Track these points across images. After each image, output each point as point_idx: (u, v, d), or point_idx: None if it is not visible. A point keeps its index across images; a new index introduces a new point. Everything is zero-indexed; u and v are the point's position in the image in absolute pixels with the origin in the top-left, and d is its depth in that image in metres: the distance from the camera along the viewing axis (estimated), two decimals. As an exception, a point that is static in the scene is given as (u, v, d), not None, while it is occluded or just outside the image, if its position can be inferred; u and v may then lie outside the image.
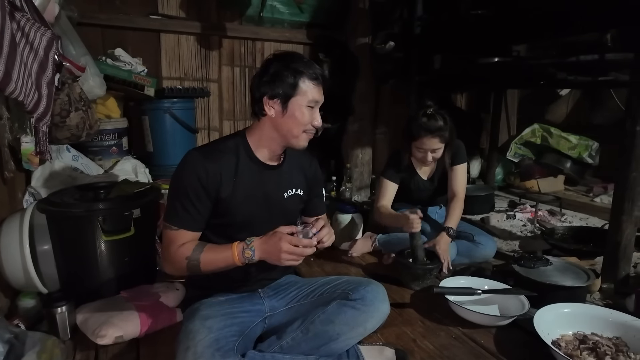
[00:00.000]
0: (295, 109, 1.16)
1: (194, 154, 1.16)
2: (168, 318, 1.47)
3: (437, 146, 1.87)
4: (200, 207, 1.15)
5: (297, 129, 1.18)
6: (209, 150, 1.20)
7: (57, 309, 1.35)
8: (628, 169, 1.57)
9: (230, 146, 1.21)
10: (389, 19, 2.84)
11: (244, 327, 1.17)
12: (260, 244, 1.09)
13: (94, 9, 2.58)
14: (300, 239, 1.08)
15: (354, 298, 1.20)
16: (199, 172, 1.13)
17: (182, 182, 1.15)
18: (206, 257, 1.11)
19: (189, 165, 1.15)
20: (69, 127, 1.54)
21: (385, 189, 2.02)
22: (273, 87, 1.15)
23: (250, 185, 1.21)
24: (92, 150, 2.33)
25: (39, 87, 1.27)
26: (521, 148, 3.55)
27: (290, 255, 1.06)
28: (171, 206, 1.16)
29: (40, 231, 1.58)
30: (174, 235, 1.14)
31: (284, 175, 1.29)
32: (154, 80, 2.54)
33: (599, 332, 1.32)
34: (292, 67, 1.15)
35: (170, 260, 1.15)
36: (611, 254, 1.67)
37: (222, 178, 1.16)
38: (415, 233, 1.72)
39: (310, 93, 1.16)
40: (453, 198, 1.94)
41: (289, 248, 1.05)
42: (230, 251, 1.09)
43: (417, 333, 1.43)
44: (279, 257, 1.06)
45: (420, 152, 1.91)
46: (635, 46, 1.55)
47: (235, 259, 1.09)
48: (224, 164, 1.17)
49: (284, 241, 1.05)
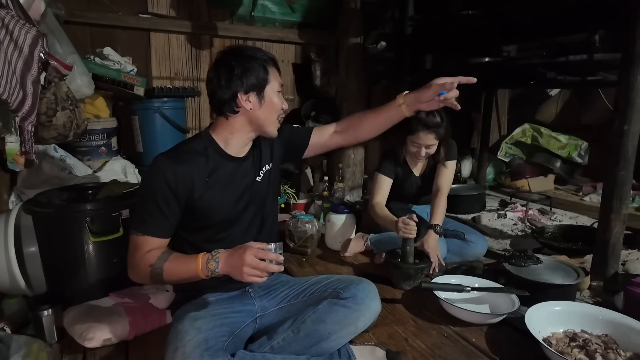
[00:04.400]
0: (270, 97, 1.18)
1: (161, 159, 1.13)
2: (158, 320, 1.46)
3: (432, 142, 1.89)
4: (168, 212, 1.11)
5: (273, 116, 1.20)
6: (177, 153, 1.16)
7: (43, 312, 1.33)
8: (616, 168, 1.58)
9: (198, 148, 1.18)
10: (381, 19, 2.85)
11: (234, 328, 1.15)
12: (226, 257, 1.02)
13: (82, 7, 2.54)
14: (267, 252, 1.01)
15: (345, 297, 1.20)
16: (167, 177, 1.09)
17: (150, 187, 1.12)
18: (170, 266, 1.06)
19: (157, 170, 1.11)
20: (55, 126, 1.51)
21: (380, 185, 2.02)
22: (246, 81, 1.13)
23: (225, 183, 1.19)
24: (80, 151, 2.29)
25: (24, 86, 1.25)
26: (512, 148, 3.58)
27: (253, 270, 0.98)
28: (138, 212, 1.14)
29: (26, 232, 1.56)
30: (140, 241, 1.10)
31: (255, 160, 1.28)
32: (144, 80, 2.51)
33: (589, 329, 1.33)
34: (256, 58, 1.15)
35: (134, 267, 1.10)
36: (600, 252, 1.69)
37: (194, 179, 1.13)
38: (408, 239, 1.71)
39: (276, 78, 1.20)
40: (437, 193, 1.94)
41: (252, 261, 0.98)
42: (195, 262, 1.03)
43: (408, 332, 1.42)
44: (241, 271, 0.98)
45: (415, 147, 1.92)
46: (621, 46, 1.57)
47: (199, 271, 1.02)
48: (193, 166, 1.14)
49: (249, 253, 0.98)
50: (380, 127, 1.39)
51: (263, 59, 1.17)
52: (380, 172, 2.04)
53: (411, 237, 1.70)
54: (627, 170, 1.58)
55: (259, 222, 1.29)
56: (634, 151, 1.57)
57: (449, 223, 2.13)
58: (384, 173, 2.02)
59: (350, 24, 3.02)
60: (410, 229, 1.67)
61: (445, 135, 1.91)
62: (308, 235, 2.14)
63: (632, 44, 1.50)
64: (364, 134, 1.41)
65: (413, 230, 1.68)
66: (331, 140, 1.42)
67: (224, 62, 1.15)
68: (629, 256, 1.99)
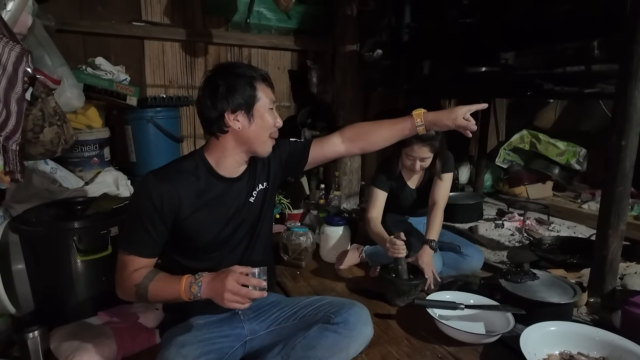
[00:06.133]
0: (260, 116, 1.15)
1: (149, 178, 1.11)
2: (146, 340, 1.43)
3: (427, 155, 1.86)
4: (154, 232, 1.09)
5: (264, 134, 1.17)
6: (166, 172, 1.14)
7: (28, 334, 1.30)
8: (614, 183, 1.55)
9: (189, 167, 1.16)
10: (377, 27, 2.82)
11: (222, 354, 1.13)
12: (208, 281, 1.01)
13: (74, 15, 2.51)
14: (249, 278, 0.99)
15: (336, 322, 1.17)
16: (153, 197, 1.08)
17: (136, 207, 1.11)
18: (155, 286, 1.06)
19: (144, 189, 1.10)
20: (42, 142, 1.48)
21: (375, 199, 2.00)
22: (232, 100, 1.11)
23: (214, 204, 1.17)
24: (72, 162, 2.26)
25: (7, 104, 1.22)
26: (510, 154, 3.56)
27: (234, 296, 0.97)
28: (125, 230, 1.14)
29: (14, 249, 1.53)
30: (127, 260, 1.09)
31: (249, 181, 1.25)
32: (137, 89, 2.48)
33: (585, 351, 1.31)
34: (243, 75, 1.12)
35: (120, 286, 1.11)
36: (598, 268, 1.66)
37: (181, 199, 1.11)
38: (399, 258, 1.69)
39: (267, 95, 1.16)
40: (433, 206, 1.90)
41: (233, 287, 0.97)
42: (179, 284, 1.03)
43: (402, 353, 1.40)
44: (222, 297, 0.97)
45: (410, 160, 1.90)
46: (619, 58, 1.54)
47: (182, 293, 1.02)
48: (181, 185, 1.12)
49: (230, 279, 0.97)
50: (391, 140, 1.38)
51: (250, 76, 1.13)
52: (374, 185, 2.01)
53: (400, 256, 1.68)
54: (625, 186, 1.55)
55: (249, 242, 1.27)
56: (631, 166, 1.55)
57: (445, 235, 2.11)
58: (379, 187, 2.00)
59: (347, 31, 2.99)
60: (397, 248, 1.65)
61: (441, 148, 1.89)
62: (302, 248, 2.12)
63: (630, 58, 1.47)
64: (372, 146, 1.39)
65: (401, 250, 1.66)
66: (333, 151, 1.39)
67: (211, 81, 1.13)
68: (627, 269, 1.97)
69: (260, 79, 1.16)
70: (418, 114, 1.33)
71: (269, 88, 1.18)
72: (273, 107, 1.19)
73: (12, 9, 1.40)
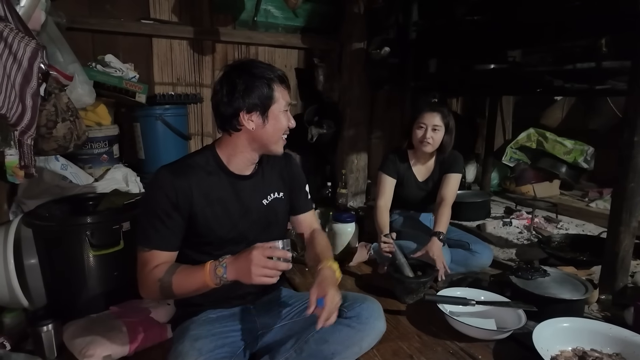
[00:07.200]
0: (274, 117, 1.14)
1: (162, 172, 1.12)
2: (158, 335, 1.44)
3: (438, 123, 1.90)
4: (171, 225, 1.10)
5: (277, 135, 1.17)
6: (178, 166, 1.15)
7: (42, 328, 1.31)
8: (626, 180, 1.55)
9: (200, 161, 1.17)
10: (384, 25, 2.82)
11: (235, 348, 1.13)
12: (232, 260, 1.00)
13: (84, 13, 2.52)
14: (275, 249, 0.98)
15: (349, 316, 1.17)
16: (167, 191, 1.09)
17: (151, 201, 1.11)
18: (178, 279, 1.04)
19: (157, 184, 1.11)
20: (55, 138, 1.49)
21: (383, 186, 2.03)
22: (248, 100, 1.11)
23: (226, 200, 1.17)
24: (81, 159, 2.28)
25: (23, 99, 1.23)
26: (516, 152, 3.54)
27: (261, 270, 0.96)
28: (142, 227, 1.12)
29: (27, 244, 1.54)
30: (147, 257, 1.09)
31: (262, 182, 1.26)
32: (145, 87, 2.49)
33: (598, 347, 1.30)
34: (262, 76, 1.11)
35: (144, 284, 1.09)
36: (609, 265, 1.65)
37: (193, 193, 1.12)
38: (393, 253, 1.74)
39: (284, 97, 1.15)
40: (441, 203, 1.94)
41: (260, 260, 0.96)
42: (202, 271, 1.01)
43: (413, 348, 1.40)
44: (249, 272, 0.96)
45: (421, 130, 1.93)
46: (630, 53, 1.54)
47: (207, 279, 1.01)
48: (193, 179, 1.13)
49: (256, 253, 0.97)
50: (311, 262, 1.28)
51: (268, 77, 1.12)
52: (382, 170, 2.05)
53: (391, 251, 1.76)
54: (637, 183, 1.54)
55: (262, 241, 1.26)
56: (644, 162, 1.54)
57: (454, 232, 2.11)
58: (386, 172, 2.04)
59: (354, 29, 2.99)
60: (387, 246, 1.77)
61: (450, 125, 1.94)
62: (311, 244, 2.12)
63: (642, 54, 1.46)
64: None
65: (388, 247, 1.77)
66: (298, 228, 1.41)
67: (229, 77, 1.13)
68: (639, 267, 1.96)
69: (278, 80, 1.14)
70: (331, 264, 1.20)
71: (286, 90, 1.17)
72: (288, 109, 1.18)
73: (26, 5, 1.41)
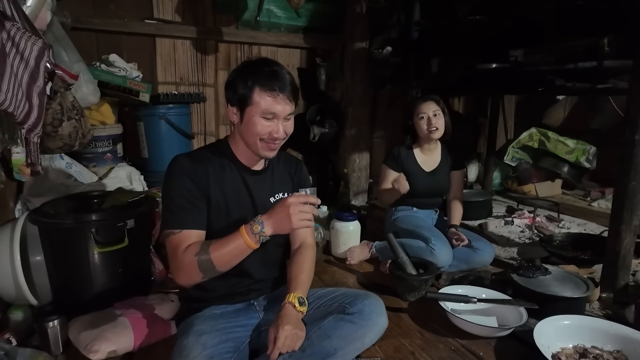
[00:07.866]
0: (249, 119, 1.14)
1: (181, 158, 1.17)
2: (162, 331, 1.45)
3: (435, 108, 2.01)
4: (198, 204, 1.14)
5: (252, 138, 1.16)
6: (195, 154, 1.21)
7: (48, 323, 1.33)
8: (627, 179, 1.55)
9: (215, 152, 1.22)
10: (387, 24, 2.83)
11: (239, 343, 1.14)
12: (268, 215, 1.06)
13: (88, 13, 2.55)
14: (308, 196, 1.07)
15: (351, 312, 1.18)
16: (189, 173, 1.14)
17: (175, 184, 1.14)
18: (216, 248, 1.06)
19: (178, 167, 1.15)
20: (61, 136, 1.51)
21: (386, 177, 2.09)
22: (231, 94, 1.15)
23: (236, 191, 1.21)
24: (86, 157, 2.30)
25: (30, 98, 1.24)
26: (518, 152, 3.54)
27: (301, 214, 1.03)
28: (168, 211, 1.14)
29: (32, 241, 1.56)
30: (178, 239, 1.10)
31: (270, 180, 1.29)
32: (149, 86, 2.51)
33: (599, 345, 1.31)
34: (246, 77, 1.12)
35: (180, 267, 1.08)
36: (610, 263, 1.66)
37: (210, 180, 1.16)
38: (397, 252, 1.76)
39: (264, 104, 1.11)
40: (454, 200, 2.15)
41: (297, 206, 1.03)
42: (239, 236, 1.05)
43: (415, 345, 1.41)
44: (289, 219, 1.03)
45: (423, 120, 2.02)
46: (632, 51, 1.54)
47: (247, 240, 1.04)
48: (209, 167, 1.17)
49: (291, 200, 1.03)
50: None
51: (253, 79, 1.10)
52: (385, 163, 2.12)
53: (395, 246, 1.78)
54: (638, 182, 1.55)
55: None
56: (645, 161, 1.54)
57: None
58: (390, 165, 2.10)
59: (356, 29, 3.00)
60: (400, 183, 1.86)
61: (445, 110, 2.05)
62: (313, 243, 2.13)
63: (644, 53, 1.47)
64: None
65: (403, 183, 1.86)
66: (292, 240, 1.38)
67: (235, 69, 1.18)
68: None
69: (262, 87, 1.10)
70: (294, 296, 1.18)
71: (274, 99, 1.10)
72: (272, 118, 1.13)
73: (32, 4, 1.43)
